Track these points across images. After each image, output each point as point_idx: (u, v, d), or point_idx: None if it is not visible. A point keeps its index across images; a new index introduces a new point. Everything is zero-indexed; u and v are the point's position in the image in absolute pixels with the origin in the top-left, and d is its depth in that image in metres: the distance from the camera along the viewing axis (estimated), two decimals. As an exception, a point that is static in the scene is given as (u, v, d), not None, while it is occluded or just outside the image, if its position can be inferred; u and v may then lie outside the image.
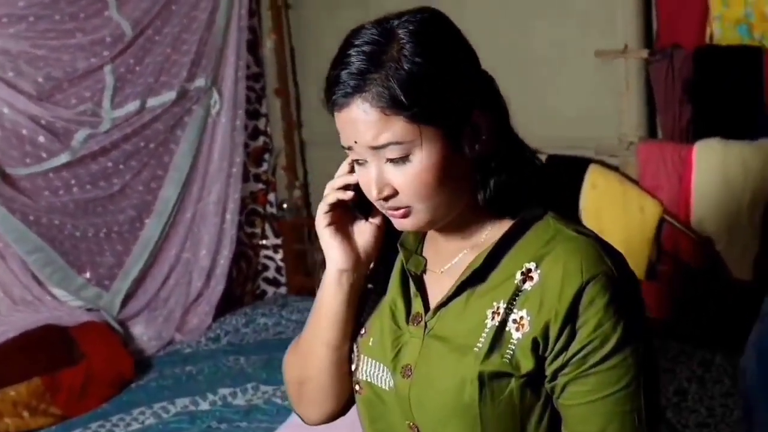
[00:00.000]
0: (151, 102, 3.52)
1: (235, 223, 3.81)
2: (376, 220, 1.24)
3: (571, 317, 1.07)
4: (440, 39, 1.11)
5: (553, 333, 1.08)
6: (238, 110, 3.77)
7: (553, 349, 1.09)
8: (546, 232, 1.14)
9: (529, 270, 1.11)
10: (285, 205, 4.02)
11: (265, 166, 4.13)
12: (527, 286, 1.11)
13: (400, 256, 1.27)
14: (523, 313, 1.10)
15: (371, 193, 1.13)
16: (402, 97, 1.05)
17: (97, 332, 3.26)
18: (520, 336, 1.10)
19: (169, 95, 3.56)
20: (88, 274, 3.46)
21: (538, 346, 1.09)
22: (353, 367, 1.27)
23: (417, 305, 1.21)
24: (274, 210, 4.15)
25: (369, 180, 1.12)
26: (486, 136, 1.12)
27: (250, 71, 3.95)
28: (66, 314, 3.30)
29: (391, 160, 1.09)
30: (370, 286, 1.27)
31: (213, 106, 3.66)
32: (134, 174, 3.55)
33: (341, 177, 1.23)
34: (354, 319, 1.26)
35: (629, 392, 1.08)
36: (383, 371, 1.21)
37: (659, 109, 2.86)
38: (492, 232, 1.18)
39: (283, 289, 4.18)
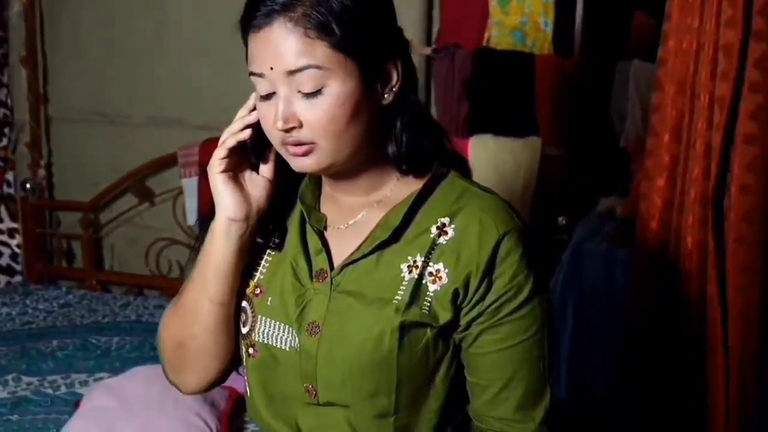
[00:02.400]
0: None
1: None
2: (266, 174, 1.22)
3: (489, 269, 1.13)
4: None
5: (473, 284, 1.13)
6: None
7: (471, 299, 1.14)
8: (454, 189, 1.19)
9: (444, 225, 1.16)
10: (28, 185, 3.67)
11: (4, 142, 3.73)
12: (442, 240, 1.15)
13: (297, 212, 1.26)
14: (440, 266, 1.14)
15: (275, 125, 1.10)
16: (330, 22, 1.06)
17: None
18: (438, 288, 1.14)
19: None
20: None
21: (457, 297, 1.14)
22: (246, 329, 1.23)
23: (321, 261, 1.20)
24: (11, 191, 3.77)
25: (274, 112, 1.10)
26: (397, 86, 1.14)
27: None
28: None
29: (303, 94, 1.08)
30: (259, 240, 1.24)
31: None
32: None
33: (240, 119, 1.19)
34: (241, 274, 1.23)
35: (536, 340, 1.17)
36: (284, 331, 1.19)
37: (438, 103, 3.05)
38: (397, 189, 1.21)
39: (18, 278, 3.80)
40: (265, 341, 1.21)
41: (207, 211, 1.26)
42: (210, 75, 3.37)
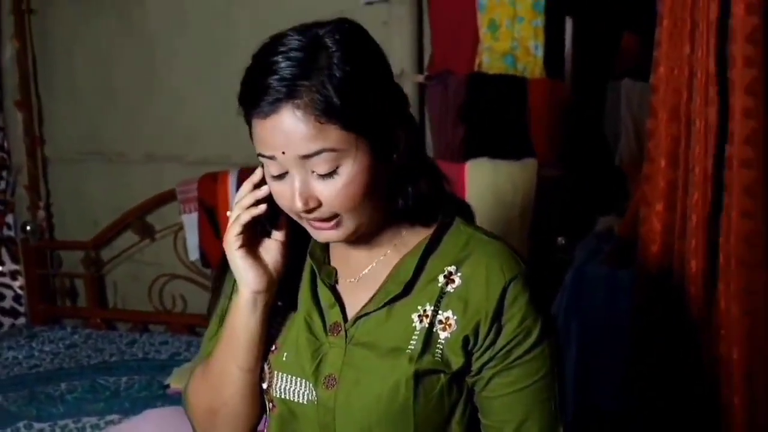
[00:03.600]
0: None
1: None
2: (279, 237, 1.23)
3: (498, 315, 1.15)
4: (366, 49, 1.13)
5: (482, 330, 1.15)
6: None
7: (482, 345, 1.16)
8: (459, 236, 1.21)
9: (450, 273, 1.18)
10: (29, 228, 3.68)
11: (2, 185, 3.75)
12: (450, 288, 1.17)
13: (308, 268, 1.27)
14: (449, 313, 1.16)
15: (295, 205, 1.11)
16: (338, 104, 1.05)
17: None
18: (448, 335, 1.16)
19: None
20: None
21: (468, 344, 1.16)
22: (265, 385, 1.25)
23: (334, 315, 1.22)
24: (12, 233, 3.78)
25: (290, 192, 1.11)
26: (403, 146, 1.15)
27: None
28: None
29: (319, 174, 1.09)
30: (279, 303, 1.25)
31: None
32: None
33: (249, 195, 1.20)
34: (267, 339, 1.25)
35: (547, 381, 1.18)
36: (301, 385, 1.21)
37: (433, 129, 3.08)
38: (407, 240, 1.23)
39: (22, 320, 3.81)
40: (283, 396, 1.23)
41: (214, 256, 1.26)
42: (205, 111, 3.40)
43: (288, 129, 1.06)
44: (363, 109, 1.08)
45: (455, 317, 1.16)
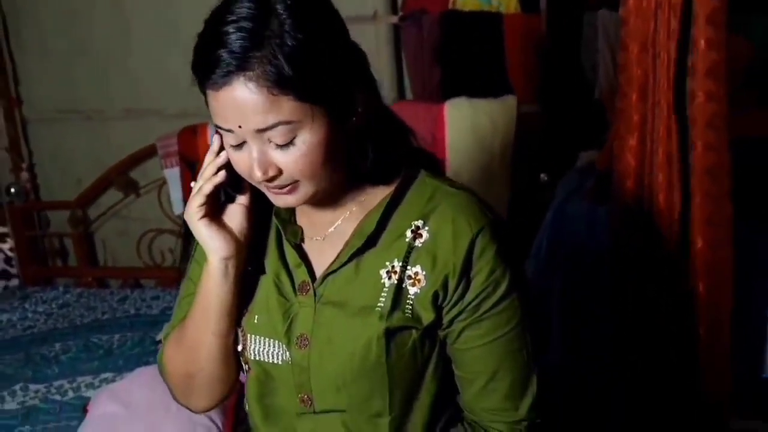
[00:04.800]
0: None
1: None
2: (243, 201, 1.22)
3: (466, 269, 1.15)
4: (318, 13, 1.09)
5: (451, 285, 1.15)
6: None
7: (451, 299, 1.16)
8: (425, 189, 1.20)
9: (418, 227, 1.17)
10: (13, 190, 3.67)
11: (-17, 149, 3.73)
12: (417, 243, 1.17)
13: (273, 229, 1.27)
14: (417, 269, 1.16)
15: (254, 175, 1.10)
16: (291, 75, 1.02)
17: None
18: (417, 291, 1.16)
19: None
20: None
21: (437, 298, 1.16)
22: (240, 348, 1.26)
23: (301, 274, 1.22)
24: (-4, 196, 3.78)
25: (249, 162, 1.10)
26: (362, 108, 1.13)
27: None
28: None
29: (276, 144, 1.07)
30: (249, 268, 1.25)
31: None
32: None
33: (212, 164, 1.19)
34: (239, 304, 1.25)
35: (518, 332, 1.19)
36: (274, 346, 1.22)
37: (409, 71, 3.04)
38: (370, 197, 1.22)
39: (15, 281, 3.83)
40: (257, 358, 1.24)
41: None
42: (183, 63, 3.30)
43: (241, 102, 1.04)
44: (317, 78, 1.05)
45: (424, 272, 1.16)
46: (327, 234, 1.23)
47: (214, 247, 1.19)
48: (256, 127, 1.05)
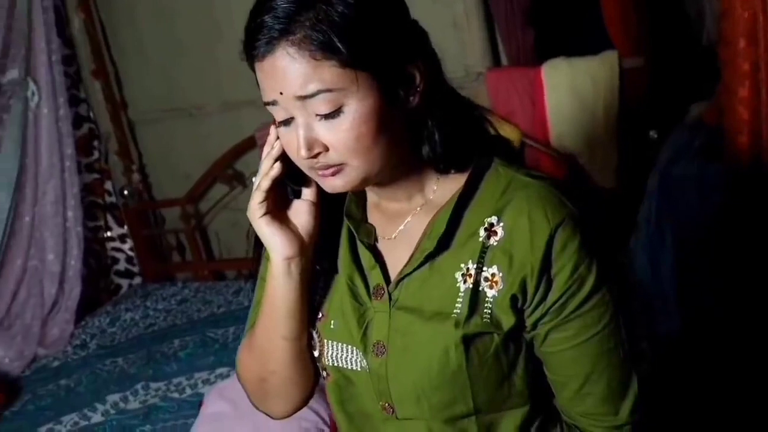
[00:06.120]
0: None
1: (80, 220, 3.51)
2: (309, 196, 1.16)
3: (546, 267, 1.04)
4: None
5: (531, 287, 1.05)
6: (60, 98, 3.42)
7: (532, 301, 1.06)
8: (498, 181, 1.10)
9: (492, 225, 1.08)
10: (126, 192, 3.78)
11: (96, 155, 3.85)
12: (492, 241, 1.07)
13: (345, 228, 1.21)
14: (494, 269, 1.07)
15: (299, 154, 1.03)
16: (334, 40, 0.96)
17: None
18: (495, 293, 1.07)
19: (-20, 93, 3.21)
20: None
21: (516, 301, 1.06)
22: (316, 354, 1.21)
23: (376, 277, 1.15)
24: (113, 199, 3.90)
25: (295, 139, 1.03)
26: (421, 87, 1.05)
27: (61, 54, 3.62)
28: None
29: (322, 116, 1.00)
30: (318, 267, 1.19)
31: (31, 98, 3.31)
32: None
33: (268, 157, 1.12)
34: (308, 305, 1.19)
35: (610, 329, 1.08)
36: (351, 352, 1.16)
37: (502, 37, 2.91)
38: (441, 190, 1.13)
39: (138, 279, 3.96)
40: (336, 364, 1.19)
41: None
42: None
43: (283, 68, 0.98)
44: (363, 45, 0.99)
45: (501, 273, 1.06)
46: (398, 232, 1.16)
47: (275, 245, 1.14)
48: (295, 93, 0.99)
